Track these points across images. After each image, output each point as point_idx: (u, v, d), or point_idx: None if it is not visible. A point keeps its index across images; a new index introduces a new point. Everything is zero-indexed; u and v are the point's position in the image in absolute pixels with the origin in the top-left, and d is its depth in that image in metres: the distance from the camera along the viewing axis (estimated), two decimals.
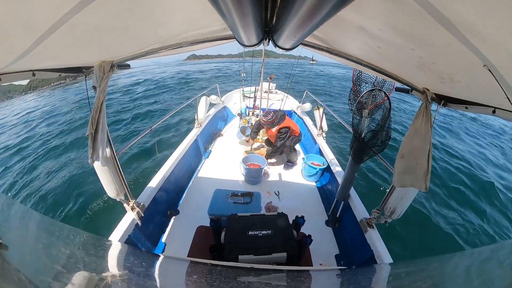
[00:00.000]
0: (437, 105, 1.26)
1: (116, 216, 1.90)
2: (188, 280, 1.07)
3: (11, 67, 0.87)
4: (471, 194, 4.47)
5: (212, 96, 4.56)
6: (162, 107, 10.53)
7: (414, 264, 1.13)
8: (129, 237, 1.74)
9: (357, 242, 1.96)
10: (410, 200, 1.57)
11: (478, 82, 0.80)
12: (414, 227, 3.40)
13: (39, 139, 7.67)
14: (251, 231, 1.42)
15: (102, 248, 1.00)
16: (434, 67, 0.88)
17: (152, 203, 2.09)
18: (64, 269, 0.61)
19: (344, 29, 0.97)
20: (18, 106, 14.61)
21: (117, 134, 7.20)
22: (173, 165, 2.63)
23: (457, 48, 0.60)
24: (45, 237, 0.79)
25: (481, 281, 0.61)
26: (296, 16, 0.54)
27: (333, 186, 2.76)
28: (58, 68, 1.17)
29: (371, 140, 1.75)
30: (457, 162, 5.66)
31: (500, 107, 0.93)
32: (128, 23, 0.81)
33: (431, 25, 0.56)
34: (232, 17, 0.59)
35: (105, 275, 0.65)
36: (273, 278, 1.11)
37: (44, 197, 4.32)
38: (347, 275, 1.32)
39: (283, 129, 3.22)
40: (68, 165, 5.51)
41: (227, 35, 1.37)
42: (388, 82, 1.78)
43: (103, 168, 1.49)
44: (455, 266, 0.84)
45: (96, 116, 1.21)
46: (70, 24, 0.63)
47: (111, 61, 1.23)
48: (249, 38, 0.94)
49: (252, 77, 5.20)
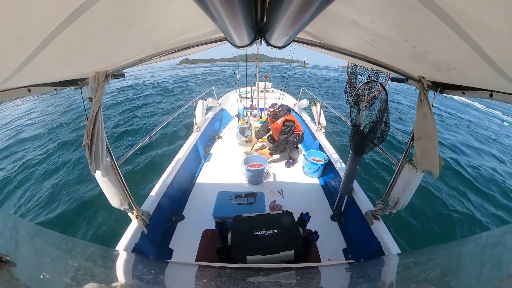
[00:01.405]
0: (434, 92, 1.26)
1: (122, 226, 1.90)
2: (198, 284, 1.07)
3: (6, 84, 0.87)
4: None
5: (209, 99, 4.56)
6: (158, 111, 10.47)
7: (422, 253, 1.13)
8: (136, 245, 1.74)
9: (363, 235, 1.96)
10: (413, 190, 1.57)
11: (473, 67, 0.80)
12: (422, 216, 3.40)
13: (35, 148, 7.58)
14: (257, 231, 1.42)
15: (109, 258, 1.00)
16: (429, 56, 0.88)
17: (156, 210, 2.09)
18: (73, 281, 0.61)
19: (336, 23, 0.97)
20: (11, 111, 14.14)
21: (118, 144, 7.19)
22: (175, 170, 2.63)
23: (450, 36, 0.60)
24: (51, 251, 0.78)
25: (490, 266, 0.61)
26: (286, 14, 0.54)
27: (336, 181, 2.76)
28: (52, 82, 1.17)
29: (371, 132, 1.75)
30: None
31: (497, 90, 0.93)
32: (120, 31, 0.81)
33: (423, 15, 0.56)
34: (222, 19, 0.59)
35: (114, 285, 0.65)
36: (283, 277, 1.11)
37: (47, 211, 4.31)
38: (356, 269, 1.32)
39: (288, 122, 3.24)
40: (70, 175, 5.50)
41: (219, 37, 1.37)
42: (384, 72, 1.78)
43: (105, 178, 1.49)
44: (463, 252, 0.83)
45: (90, 127, 1.21)
46: (62, 38, 0.62)
47: (106, 71, 1.23)
48: (241, 38, 0.94)
49: (247, 79, 5.20)
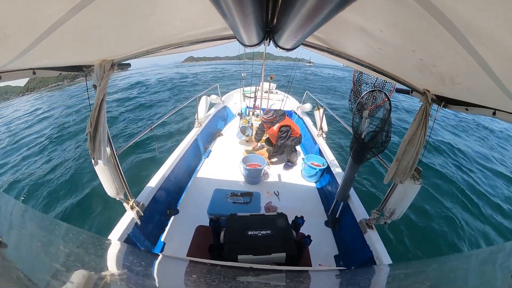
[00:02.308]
0: (437, 106, 1.26)
1: (116, 215, 1.90)
2: (187, 279, 1.07)
3: (11, 65, 0.87)
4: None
5: (212, 96, 4.56)
6: (161, 105, 10.49)
7: (413, 265, 1.13)
8: (129, 236, 1.74)
9: (356, 243, 1.96)
10: (409, 201, 1.57)
11: (478, 84, 0.80)
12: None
13: (37, 138, 7.67)
14: (251, 231, 1.42)
15: (101, 247, 1.00)
16: (435, 69, 0.88)
17: (151, 202, 2.09)
18: (63, 267, 0.61)
19: (345, 30, 0.97)
20: (18, 107, 14.54)
21: (116, 133, 7.20)
22: (173, 164, 2.63)
23: (458, 51, 0.60)
24: (44, 235, 0.78)
25: (480, 284, 0.61)
26: (297, 17, 0.54)
27: (332, 187, 2.76)
28: (58, 67, 1.17)
29: (371, 141, 1.75)
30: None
31: (500, 109, 0.93)
32: (129, 22, 0.81)
33: (432, 27, 0.56)
34: (233, 17, 0.59)
35: (104, 273, 0.65)
36: (272, 278, 1.11)
37: (43, 195, 4.32)
38: (346, 276, 1.32)
39: (284, 128, 3.25)
40: (66, 163, 5.52)
41: (228, 34, 1.37)
42: (389, 83, 1.78)
43: (103, 167, 1.49)
44: (454, 267, 0.84)
45: (95, 115, 1.21)
46: (71, 23, 0.63)
47: (112, 60, 1.23)
48: (250, 38, 0.94)
49: (252, 78, 5.21)
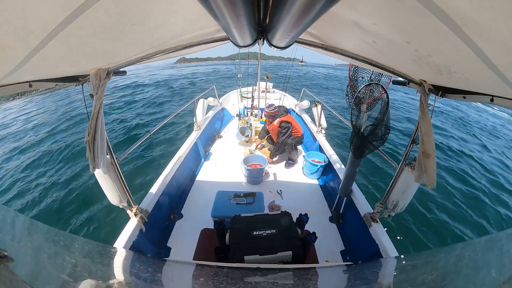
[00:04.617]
0: (435, 96, 1.26)
1: (120, 223, 1.90)
2: (195, 283, 1.07)
3: (8, 79, 0.87)
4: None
5: (209, 98, 4.56)
6: (159, 111, 10.47)
7: (419, 256, 1.13)
8: (134, 243, 1.74)
9: (361, 237, 1.96)
10: (412, 193, 1.57)
11: (475, 71, 0.80)
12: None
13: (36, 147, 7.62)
14: (255, 231, 1.42)
15: (107, 255, 1.00)
16: (431, 59, 0.88)
17: (155, 208, 2.09)
18: (71, 278, 0.61)
19: (338, 25, 0.97)
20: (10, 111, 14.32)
21: (116, 141, 7.19)
22: (174, 169, 2.63)
23: (453, 40, 0.60)
24: (50, 247, 0.79)
25: (486, 271, 0.61)
26: (288, 15, 0.54)
27: (335, 183, 2.76)
28: (54, 78, 1.17)
29: (371, 134, 1.75)
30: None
31: (498, 95, 0.94)
32: (123, 29, 0.81)
33: (425, 18, 0.56)
34: (225, 18, 0.59)
35: (111, 282, 0.65)
36: (280, 277, 1.11)
37: (46, 207, 4.31)
38: (353, 271, 1.32)
39: (284, 123, 3.23)
40: (68, 173, 5.51)
41: (221, 36, 1.37)
42: (385, 75, 1.78)
43: (104, 175, 1.49)
44: (461, 256, 0.84)
45: (93, 124, 1.21)
46: (65, 34, 0.63)
47: (107, 68, 1.23)
48: (243, 38, 0.94)
49: (248, 78, 5.20)
